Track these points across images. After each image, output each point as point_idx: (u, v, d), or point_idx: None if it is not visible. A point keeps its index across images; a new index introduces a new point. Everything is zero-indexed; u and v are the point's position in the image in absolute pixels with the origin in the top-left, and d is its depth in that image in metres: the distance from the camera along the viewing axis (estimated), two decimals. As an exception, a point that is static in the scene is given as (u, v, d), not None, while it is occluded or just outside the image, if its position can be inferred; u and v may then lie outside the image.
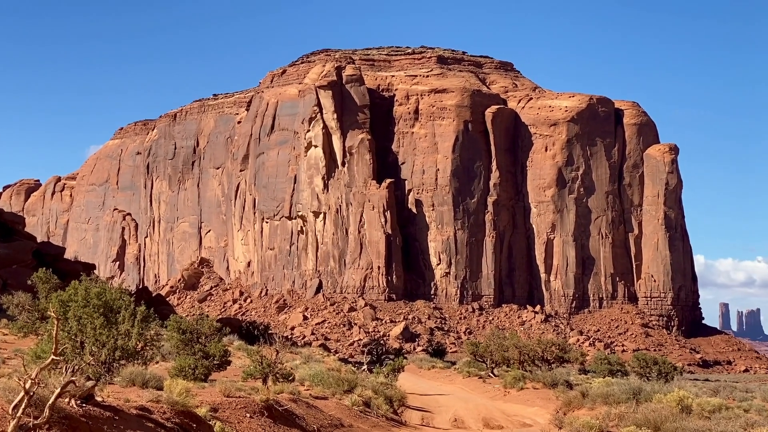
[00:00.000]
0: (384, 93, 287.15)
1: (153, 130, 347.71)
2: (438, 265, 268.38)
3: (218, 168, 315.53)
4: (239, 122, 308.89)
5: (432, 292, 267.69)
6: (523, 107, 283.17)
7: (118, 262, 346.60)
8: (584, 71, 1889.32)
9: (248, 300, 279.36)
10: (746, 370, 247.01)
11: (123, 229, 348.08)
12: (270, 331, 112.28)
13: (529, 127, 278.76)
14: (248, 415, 31.81)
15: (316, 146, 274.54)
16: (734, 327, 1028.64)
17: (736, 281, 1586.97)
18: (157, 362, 43.11)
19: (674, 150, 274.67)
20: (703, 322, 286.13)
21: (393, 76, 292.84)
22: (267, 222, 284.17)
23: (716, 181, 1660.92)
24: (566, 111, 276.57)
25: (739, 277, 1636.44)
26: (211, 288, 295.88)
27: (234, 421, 30.94)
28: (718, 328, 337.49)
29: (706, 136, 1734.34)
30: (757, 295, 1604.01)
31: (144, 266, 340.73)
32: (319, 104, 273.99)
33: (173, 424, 25.88)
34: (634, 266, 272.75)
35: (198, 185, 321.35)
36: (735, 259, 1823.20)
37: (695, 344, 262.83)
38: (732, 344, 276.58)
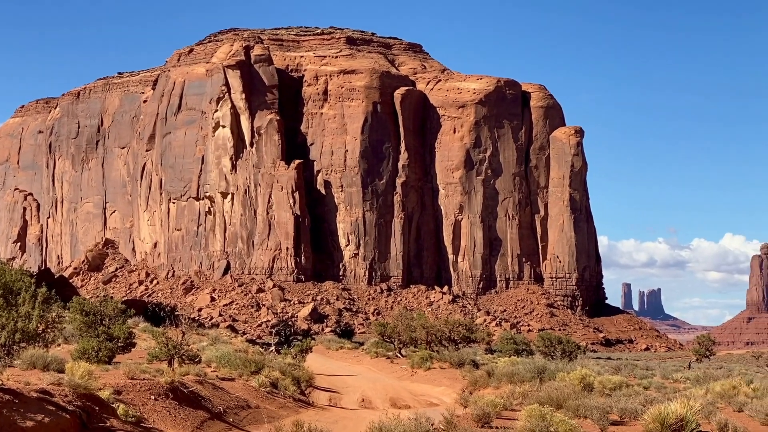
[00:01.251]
0: (293, 73, 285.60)
1: (55, 108, 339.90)
2: (347, 246, 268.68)
3: (123, 148, 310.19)
4: (145, 101, 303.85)
5: (341, 273, 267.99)
6: (432, 89, 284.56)
7: (19, 243, 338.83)
8: (492, 54, 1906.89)
9: (155, 281, 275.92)
10: (647, 349, 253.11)
11: (24, 209, 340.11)
12: (176, 313, 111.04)
13: (437, 109, 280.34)
14: (153, 397, 31.40)
15: (224, 126, 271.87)
16: (636, 306, 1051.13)
17: (638, 262, 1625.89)
18: (59, 345, 42.31)
19: (579, 133, 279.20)
20: (607, 301, 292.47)
21: (302, 56, 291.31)
22: (174, 203, 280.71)
23: (620, 163, 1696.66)
24: (474, 93, 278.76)
25: (641, 257, 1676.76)
26: (117, 269, 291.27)
27: (138, 403, 30.51)
28: (621, 308, 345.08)
29: (610, 119, 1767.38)
30: (657, 275, 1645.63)
31: (46, 247, 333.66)
32: (227, 84, 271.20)
33: (75, 407, 25.39)
34: (540, 247, 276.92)
35: (102, 165, 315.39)
36: (637, 240, 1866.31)
37: (599, 323, 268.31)
38: (634, 323, 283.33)
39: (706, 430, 26.48)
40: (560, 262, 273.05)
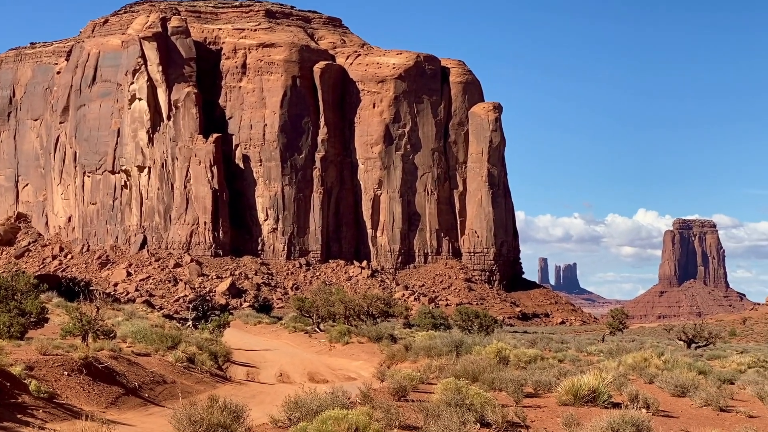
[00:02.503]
0: (211, 46, 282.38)
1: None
2: (265, 220, 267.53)
3: (36, 120, 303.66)
4: (59, 73, 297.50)
5: (259, 247, 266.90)
6: (352, 64, 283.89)
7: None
8: (412, 29, 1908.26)
9: (69, 256, 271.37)
10: (563, 322, 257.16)
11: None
12: (91, 288, 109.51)
13: (357, 83, 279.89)
14: (66, 373, 30.94)
15: (140, 99, 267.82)
16: (552, 281, 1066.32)
17: (554, 237, 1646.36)
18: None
19: (498, 108, 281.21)
20: (524, 276, 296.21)
21: (220, 29, 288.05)
22: (89, 176, 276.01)
23: (537, 139, 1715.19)
24: (394, 68, 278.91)
25: (557, 232, 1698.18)
26: (29, 244, 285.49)
27: (51, 379, 30.04)
28: (537, 282, 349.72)
29: (528, 95, 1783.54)
30: (573, 250, 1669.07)
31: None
32: (143, 56, 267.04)
33: (-15, 384, 24.88)
34: (458, 222, 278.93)
35: (15, 137, 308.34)
36: (553, 215, 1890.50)
37: (515, 298, 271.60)
38: (550, 297, 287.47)
39: (617, 401, 27.00)
40: (478, 237, 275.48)
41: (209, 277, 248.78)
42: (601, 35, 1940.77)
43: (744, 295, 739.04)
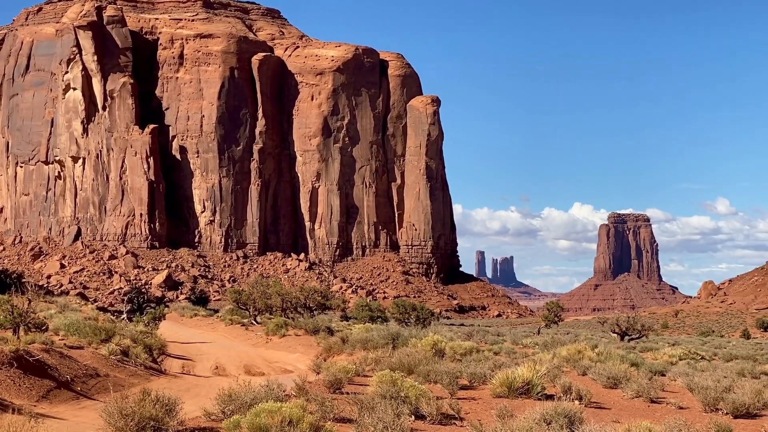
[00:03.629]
0: (147, 36, 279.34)
1: None
2: (202, 212, 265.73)
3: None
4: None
5: (196, 240, 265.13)
6: (290, 55, 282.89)
7: None
8: (351, 22, 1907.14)
9: (1, 247, 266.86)
10: (499, 315, 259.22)
11: None
12: (24, 280, 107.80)
13: (295, 75, 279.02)
14: (-5, 366, 30.38)
15: (75, 89, 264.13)
16: (489, 274, 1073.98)
17: (491, 230, 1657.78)
18: None
19: (436, 102, 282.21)
20: (461, 269, 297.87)
21: (157, 19, 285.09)
22: (21, 167, 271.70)
23: (475, 132, 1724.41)
24: (332, 61, 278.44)
25: (494, 226, 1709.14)
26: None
27: (-20, 373, 29.47)
28: (475, 275, 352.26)
29: (466, 89, 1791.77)
30: (510, 243, 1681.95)
31: None
32: (78, 45, 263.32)
33: None
34: (396, 215, 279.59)
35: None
36: (490, 208, 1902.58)
37: (453, 291, 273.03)
38: (487, 290, 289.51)
39: (551, 393, 27.24)
40: (416, 230, 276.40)
41: (145, 270, 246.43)
42: (539, 29, 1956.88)
43: (676, 288, 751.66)
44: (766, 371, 42.89)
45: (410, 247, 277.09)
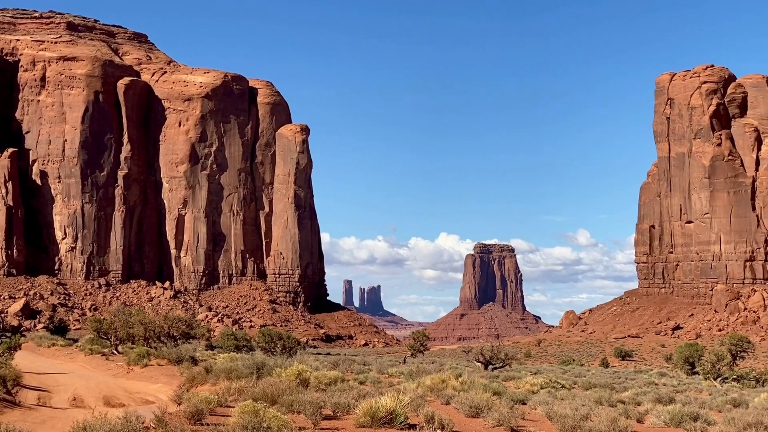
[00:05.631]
0: (8, 57, 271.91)
1: None
2: (63, 239, 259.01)
3: None
4: None
5: (56, 267, 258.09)
6: (158, 81, 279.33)
7: None
8: (219, 48, 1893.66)
9: None
10: (366, 344, 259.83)
11: None
12: None
13: (162, 101, 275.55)
14: None
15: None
16: (357, 303, 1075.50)
17: (359, 259, 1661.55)
18: None
19: (305, 130, 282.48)
20: (328, 298, 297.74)
21: (18, 40, 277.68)
22: None
23: (343, 161, 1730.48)
24: (201, 87, 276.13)
25: (361, 255, 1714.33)
26: None
27: None
28: (342, 304, 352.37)
29: (335, 118, 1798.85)
30: (377, 272, 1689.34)
31: None
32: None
33: None
34: (264, 244, 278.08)
35: None
36: (358, 238, 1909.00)
37: (320, 319, 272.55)
38: (354, 320, 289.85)
39: (414, 422, 27.30)
40: (284, 258, 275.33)
41: (1, 298, 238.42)
42: (409, 58, 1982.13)
43: (539, 317, 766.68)
44: (623, 399, 43.99)
45: (278, 275, 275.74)
